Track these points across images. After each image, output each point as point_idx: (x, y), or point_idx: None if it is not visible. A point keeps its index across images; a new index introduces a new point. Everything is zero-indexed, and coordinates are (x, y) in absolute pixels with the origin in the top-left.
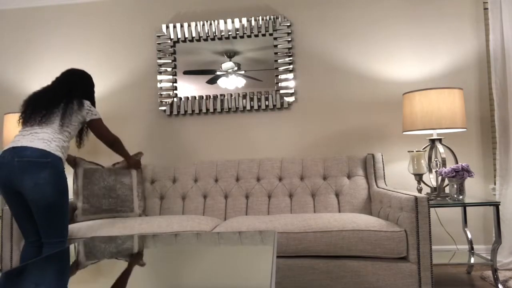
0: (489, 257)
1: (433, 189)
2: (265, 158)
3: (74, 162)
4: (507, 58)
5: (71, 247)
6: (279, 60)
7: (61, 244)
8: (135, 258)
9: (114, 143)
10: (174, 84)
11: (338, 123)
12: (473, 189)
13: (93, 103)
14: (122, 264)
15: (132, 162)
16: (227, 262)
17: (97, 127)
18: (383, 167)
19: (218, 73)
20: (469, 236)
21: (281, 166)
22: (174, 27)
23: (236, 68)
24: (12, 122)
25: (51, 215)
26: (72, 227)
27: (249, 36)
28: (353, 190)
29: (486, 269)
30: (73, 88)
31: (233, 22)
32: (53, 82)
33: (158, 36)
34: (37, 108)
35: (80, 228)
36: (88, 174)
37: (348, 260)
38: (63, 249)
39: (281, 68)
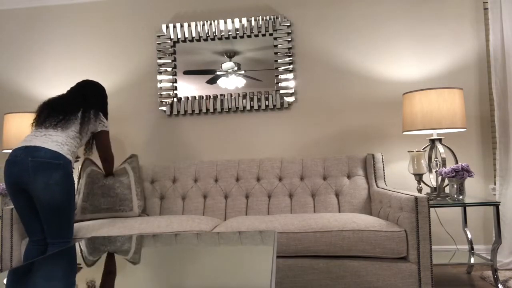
0: (489, 257)
1: (433, 189)
2: (265, 158)
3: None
4: (507, 58)
5: (75, 246)
6: (279, 60)
7: (66, 244)
8: (135, 258)
9: (111, 162)
10: (174, 84)
11: (338, 123)
12: (473, 189)
13: (106, 114)
14: (122, 264)
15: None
16: (227, 262)
17: (104, 139)
18: (383, 167)
19: (218, 73)
20: (469, 236)
21: (281, 166)
22: (174, 27)
23: (236, 68)
24: (12, 122)
25: (58, 215)
26: None
27: (249, 36)
28: (353, 190)
29: (486, 269)
30: (88, 98)
31: (233, 22)
32: (68, 91)
33: (158, 36)
34: (53, 113)
35: (80, 228)
36: (90, 174)
37: (348, 260)
38: (68, 247)
39: (281, 68)
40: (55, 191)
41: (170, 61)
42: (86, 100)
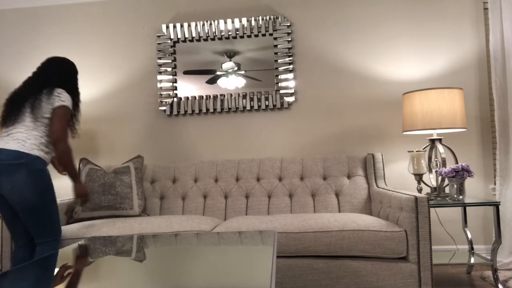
0: (489, 257)
1: (433, 189)
2: (265, 158)
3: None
4: (507, 58)
5: (71, 246)
6: (279, 60)
7: (54, 242)
8: (135, 258)
9: (61, 146)
10: (174, 84)
11: (338, 123)
12: (473, 189)
13: (74, 91)
14: (122, 264)
15: (80, 191)
16: (227, 262)
17: (57, 115)
18: (383, 167)
19: (218, 73)
20: (469, 236)
21: (281, 166)
22: (174, 27)
23: (236, 68)
24: None
25: (36, 216)
26: (72, 226)
27: (249, 36)
28: (353, 190)
29: (486, 269)
30: (49, 79)
31: (233, 22)
32: (29, 77)
33: (158, 36)
34: (12, 107)
35: (80, 228)
36: (91, 172)
37: (348, 260)
38: (51, 254)
39: (281, 68)
40: (23, 192)
41: (170, 61)
42: (47, 81)
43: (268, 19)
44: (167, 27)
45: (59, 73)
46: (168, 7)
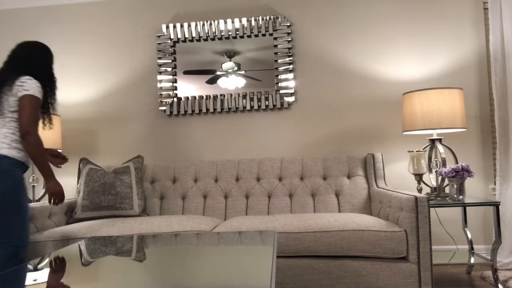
0: (489, 257)
1: (433, 189)
2: (265, 158)
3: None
4: (507, 58)
5: (71, 247)
6: (279, 60)
7: (11, 249)
8: (135, 258)
9: (29, 139)
10: (174, 84)
11: (338, 123)
12: (473, 189)
13: (49, 78)
14: (122, 264)
15: (53, 189)
16: (227, 262)
17: (21, 106)
18: (383, 167)
19: (218, 73)
20: (469, 236)
21: (281, 166)
22: (174, 27)
23: (236, 68)
24: None
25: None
26: (72, 226)
27: (249, 36)
28: (353, 190)
29: (486, 269)
30: (16, 67)
31: (233, 22)
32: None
33: (158, 36)
34: None
35: (80, 228)
36: (91, 172)
37: (348, 260)
38: (18, 267)
39: (281, 68)
40: None
41: (170, 61)
42: (13, 70)
43: (268, 19)
44: (167, 27)
45: (28, 59)
46: (168, 7)
